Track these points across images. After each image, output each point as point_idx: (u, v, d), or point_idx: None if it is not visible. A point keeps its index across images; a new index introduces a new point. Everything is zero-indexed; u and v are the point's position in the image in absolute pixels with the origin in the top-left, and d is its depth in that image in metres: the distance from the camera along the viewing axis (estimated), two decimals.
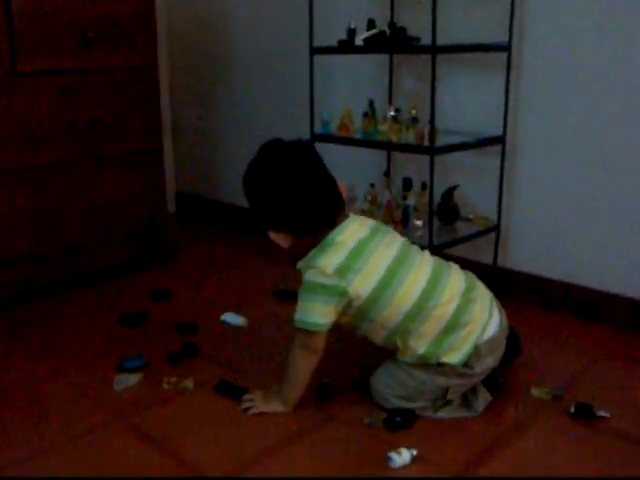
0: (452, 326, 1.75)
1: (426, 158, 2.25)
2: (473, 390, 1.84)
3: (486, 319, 1.79)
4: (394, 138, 2.38)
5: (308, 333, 1.77)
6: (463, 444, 1.73)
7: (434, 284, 1.76)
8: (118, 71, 2.75)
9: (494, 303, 1.87)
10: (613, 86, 2.25)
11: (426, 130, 2.24)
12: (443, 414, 1.83)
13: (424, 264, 1.81)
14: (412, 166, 2.73)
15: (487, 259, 2.64)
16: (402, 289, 1.73)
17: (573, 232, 2.45)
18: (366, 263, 1.72)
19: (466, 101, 2.61)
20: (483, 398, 1.84)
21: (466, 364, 1.77)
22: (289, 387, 1.87)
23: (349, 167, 2.94)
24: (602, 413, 1.82)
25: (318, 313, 1.73)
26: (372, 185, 2.71)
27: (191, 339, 2.32)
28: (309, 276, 1.73)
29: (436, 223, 2.52)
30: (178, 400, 1.95)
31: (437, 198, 2.52)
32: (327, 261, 1.71)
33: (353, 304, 1.73)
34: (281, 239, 1.80)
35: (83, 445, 1.75)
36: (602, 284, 2.41)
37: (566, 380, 2.04)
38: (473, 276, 1.91)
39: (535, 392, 1.94)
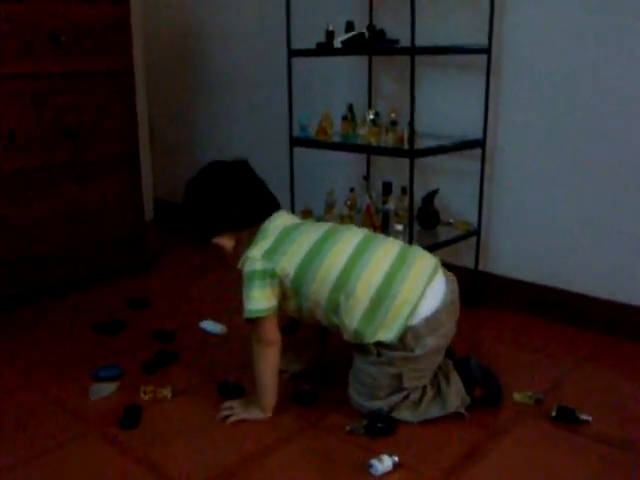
0: (377, 301, 1.73)
1: (406, 162, 2.23)
2: (447, 381, 1.82)
3: (416, 297, 1.73)
4: (373, 141, 2.36)
5: (256, 324, 1.81)
6: (445, 450, 1.70)
7: (355, 259, 1.77)
8: (93, 76, 2.71)
9: (436, 279, 1.79)
10: (593, 88, 2.25)
11: (405, 133, 2.22)
12: (417, 413, 1.80)
13: (352, 241, 1.82)
14: (392, 170, 2.71)
15: (468, 263, 2.63)
16: (324, 264, 1.77)
17: (555, 235, 2.44)
18: (291, 245, 1.81)
19: (446, 104, 2.59)
20: (457, 395, 1.81)
21: (406, 346, 1.74)
22: (260, 391, 1.85)
23: (328, 171, 2.94)
24: (584, 417, 1.80)
25: (257, 299, 1.78)
26: (352, 190, 2.69)
27: (169, 347, 2.29)
28: (245, 268, 1.82)
29: (416, 227, 2.50)
30: (155, 409, 1.91)
31: (417, 202, 2.51)
32: (257, 249, 1.82)
33: (285, 283, 1.80)
34: (225, 241, 1.89)
35: (58, 458, 1.70)
36: (584, 288, 2.40)
37: (548, 384, 2.02)
38: (415, 251, 1.86)
39: (517, 396, 1.92)
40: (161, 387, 2.00)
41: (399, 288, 1.74)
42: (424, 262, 1.82)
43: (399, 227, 2.46)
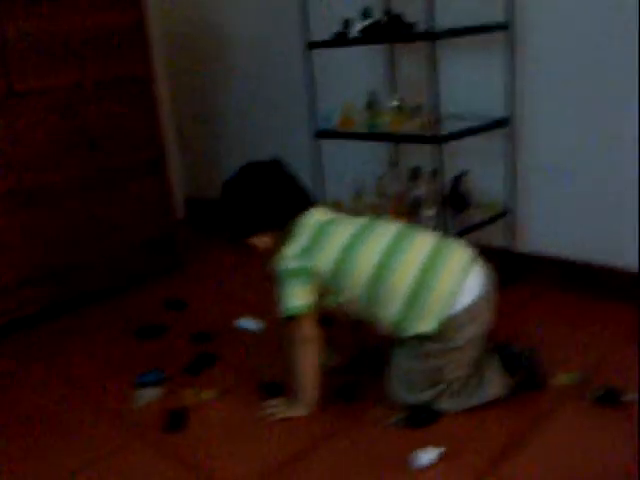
0: (415, 293, 1.73)
1: (433, 146, 2.21)
2: (490, 370, 1.81)
3: (456, 286, 1.74)
4: (399, 129, 2.34)
5: (295, 321, 1.82)
6: (488, 438, 1.70)
7: (391, 252, 1.77)
8: (113, 83, 2.73)
9: (472, 269, 1.80)
10: (622, 58, 2.18)
11: (430, 118, 2.19)
12: (458, 403, 1.79)
13: (387, 234, 1.82)
14: (419, 155, 2.68)
15: (501, 243, 2.60)
16: (361, 259, 1.78)
17: (588, 211, 2.39)
18: (327, 241, 1.82)
19: (470, 83, 2.55)
20: (499, 382, 1.80)
21: (446, 337, 1.74)
22: (301, 388, 1.87)
23: (355, 161, 2.92)
24: (629, 397, 1.78)
25: (294, 296, 1.80)
26: (380, 177, 2.67)
27: (209, 348, 2.31)
28: (279, 267, 1.83)
29: (448, 211, 2.48)
30: (199, 412, 1.94)
31: (446, 186, 2.48)
32: (293, 247, 1.83)
33: (321, 279, 1.80)
34: (262, 241, 1.91)
35: (107, 467, 1.74)
36: (620, 262, 2.36)
37: (591, 364, 1.99)
38: (451, 243, 1.86)
39: (560, 378, 1.90)
40: (204, 389, 2.03)
41: (437, 279, 1.74)
42: (461, 254, 1.81)
43: (430, 212, 2.44)
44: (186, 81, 3.80)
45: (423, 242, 1.81)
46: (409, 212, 2.47)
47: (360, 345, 2.12)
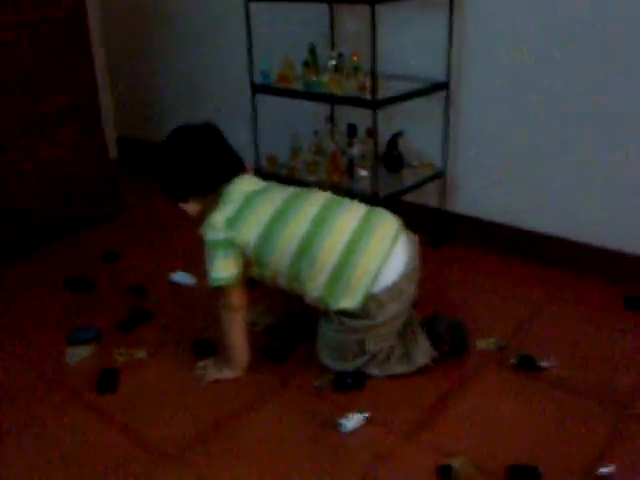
0: (339, 269, 1.76)
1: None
2: (415, 341, 1.88)
3: (378, 265, 1.76)
4: (336, 90, 2.33)
5: (221, 291, 1.85)
6: (412, 402, 1.79)
7: (316, 228, 1.78)
8: (45, 25, 2.60)
9: (398, 246, 1.81)
10: (559, 27, 2.22)
11: (368, 82, 2.19)
12: (385, 370, 1.87)
13: (312, 210, 1.81)
14: (357, 112, 2.67)
15: (433, 203, 2.66)
16: (285, 234, 1.79)
17: (518, 176, 2.47)
18: (252, 214, 1.82)
19: (409, 44, 2.55)
20: (424, 352, 1.88)
21: (368, 314, 1.79)
22: (230, 352, 1.91)
23: (292, 114, 2.90)
24: (543, 364, 1.89)
25: (220, 268, 1.81)
26: (316, 133, 2.67)
27: (142, 302, 2.32)
28: (206, 237, 1.84)
29: (382, 171, 2.51)
30: (131, 372, 1.96)
31: (382, 144, 2.50)
32: (217, 217, 1.83)
33: (246, 253, 1.82)
34: (190, 207, 1.91)
35: (43, 428, 1.76)
36: (545, 227, 2.45)
37: (511, 329, 2.10)
38: (378, 215, 1.86)
39: (480, 344, 2.01)
40: (136, 348, 2.05)
41: (361, 257, 1.76)
42: (386, 228, 1.83)
43: (364, 173, 2.47)
44: (118, 18, 3.65)
45: (349, 217, 1.82)
46: (344, 171, 2.49)
47: (290, 308, 2.15)
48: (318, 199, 1.87)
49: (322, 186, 2.49)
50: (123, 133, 3.88)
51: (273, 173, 2.62)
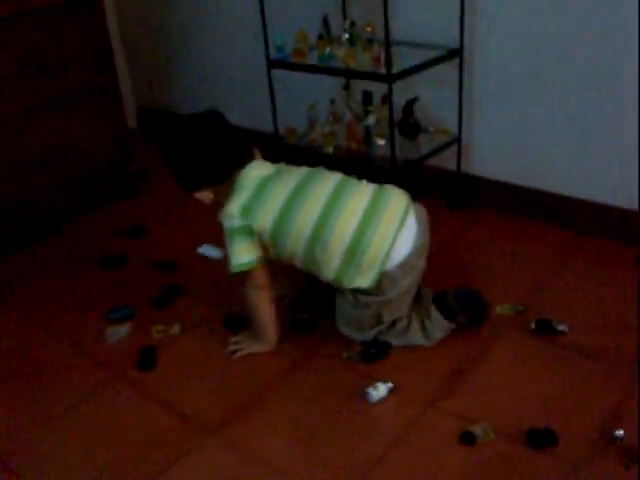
0: (351, 252, 1.84)
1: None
2: (429, 317, 1.97)
3: (388, 245, 1.83)
4: (350, 63, 2.36)
5: (246, 274, 1.92)
6: (435, 371, 1.89)
7: (327, 212, 1.84)
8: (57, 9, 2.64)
9: (407, 224, 1.87)
10: None
11: (382, 54, 2.21)
12: (404, 341, 1.96)
13: (323, 193, 1.87)
14: None
15: (451, 166, 2.71)
16: (298, 220, 1.85)
17: (536, 139, 2.49)
18: (266, 200, 1.87)
19: (422, 10, 2.56)
20: (440, 326, 1.97)
21: (382, 290, 1.88)
22: (260, 328, 2.01)
23: (309, 81, 2.92)
24: (560, 327, 1.97)
25: (240, 253, 1.89)
26: (332, 102, 2.71)
27: (172, 278, 2.42)
28: (224, 224, 1.90)
29: (398, 138, 2.55)
30: (168, 349, 2.08)
31: (398, 110, 2.54)
32: (232, 206, 1.88)
33: (263, 238, 1.89)
34: (204, 195, 1.97)
35: (93, 409, 1.88)
36: (563, 188, 2.49)
37: (529, 293, 2.17)
38: (387, 193, 1.92)
39: (499, 309, 2.08)
40: (170, 324, 2.16)
41: (371, 238, 1.83)
42: (396, 205, 1.88)
43: (381, 142, 2.52)
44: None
45: (358, 200, 1.87)
46: (361, 140, 2.54)
47: (310, 280, 2.20)
48: (328, 182, 1.92)
49: (340, 156, 2.58)
50: (142, 103, 3.93)
51: (292, 145, 2.68)
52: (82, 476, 1.67)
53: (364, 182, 1.97)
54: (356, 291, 1.90)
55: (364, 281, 1.86)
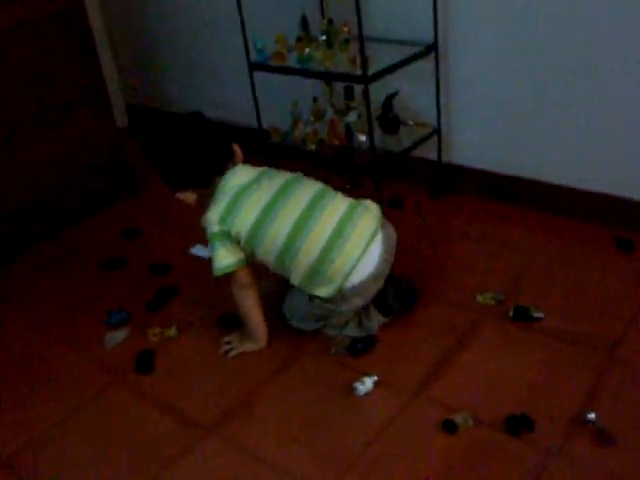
0: (317, 267, 1.94)
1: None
2: (367, 315, 2.09)
3: (350, 267, 1.93)
4: (328, 64, 2.42)
5: (230, 275, 2.02)
6: (417, 362, 1.98)
7: (299, 226, 1.93)
8: (42, 22, 2.70)
9: (373, 244, 1.97)
10: None
11: (358, 57, 2.28)
12: (339, 333, 2.10)
13: (299, 206, 1.95)
14: None
15: (432, 156, 2.78)
16: (271, 231, 1.94)
17: (512, 127, 2.56)
18: (242, 208, 1.96)
19: (396, 5, 2.61)
20: (376, 321, 2.10)
21: (335, 302, 1.99)
22: (249, 327, 2.11)
23: (291, 80, 2.95)
24: (537, 314, 2.06)
25: (221, 257, 1.98)
26: (315, 99, 2.77)
27: (167, 280, 2.51)
28: (206, 229, 1.99)
29: (380, 133, 2.63)
30: (165, 351, 2.17)
31: (378, 103, 2.61)
32: (213, 212, 1.97)
33: (241, 243, 1.98)
34: (186, 196, 2.05)
35: (94, 413, 1.98)
36: (539, 174, 2.57)
37: (508, 280, 2.26)
38: (360, 210, 2.00)
39: (479, 298, 2.17)
40: (167, 327, 2.25)
41: (336, 257, 1.92)
42: (364, 227, 1.97)
43: (363, 138, 2.58)
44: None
45: (329, 217, 1.95)
46: (343, 138, 2.62)
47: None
48: (303, 196, 1.98)
49: (323, 152, 2.65)
50: (132, 100, 3.99)
51: (277, 143, 2.77)
52: (82, 479, 1.77)
53: (340, 196, 2.05)
54: (314, 296, 2.01)
55: (324, 291, 1.97)
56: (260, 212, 1.95)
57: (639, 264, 2.26)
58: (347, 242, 1.93)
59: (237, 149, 2.09)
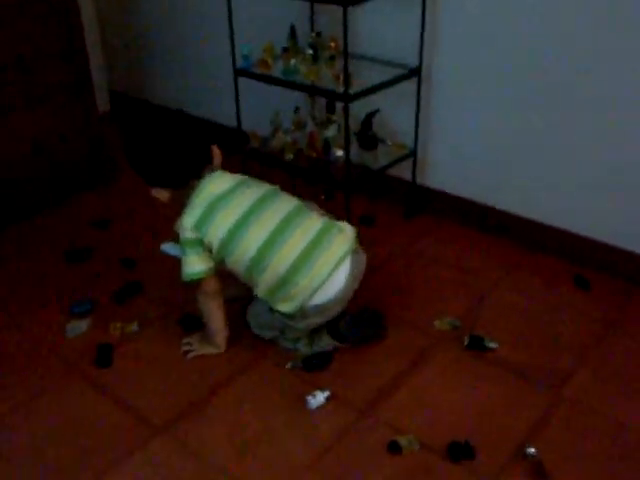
0: (282, 283, 1.97)
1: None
2: (319, 335, 2.14)
3: (314, 288, 1.95)
4: (313, 79, 2.46)
5: (196, 281, 2.04)
6: (371, 381, 2.03)
7: (270, 243, 1.95)
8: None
9: (341, 268, 1.98)
10: (532, 12, 2.30)
11: (341, 75, 2.32)
12: (292, 348, 2.14)
13: (271, 222, 1.97)
14: None
15: (407, 177, 2.83)
16: (242, 245, 1.96)
17: (488, 157, 2.62)
18: (216, 218, 1.97)
19: (384, 27, 2.65)
20: (325, 343, 2.13)
21: (295, 318, 2.03)
22: (210, 332, 2.15)
23: (276, 88, 3.00)
24: (491, 345, 2.12)
25: (193, 264, 2.00)
26: (296, 110, 2.81)
27: (134, 274, 2.53)
28: (180, 234, 2.01)
29: (357, 150, 2.67)
30: (125, 346, 2.20)
31: (359, 118, 2.66)
32: (187, 218, 1.99)
33: (212, 251, 2.00)
34: (160, 194, 2.06)
35: (48, 406, 1.98)
36: (510, 205, 2.64)
37: (467, 307, 2.32)
38: (334, 232, 2.02)
39: (437, 323, 2.23)
40: (129, 321, 2.28)
41: (302, 278, 1.95)
42: (334, 250, 1.98)
43: (339, 153, 2.62)
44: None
45: (300, 236, 1.97)
46: (321, 152, 2.65)
47: None
48: (278, 212, 2.00)
49: (300, 164, 2.69)
50: (116, 87, 3.99)
51: (255, 149, 2.80)
52: (28, 473, 1.78)
53: (315, 215, 2.06)
54: (276, 310, 2.05)
55: (286, 307, 2.01)
56: (234, 224, 1.97)
57: (594, 303, 2.34)
58: (315, 263, 1.96)
59: (217, 151, 2.09)
